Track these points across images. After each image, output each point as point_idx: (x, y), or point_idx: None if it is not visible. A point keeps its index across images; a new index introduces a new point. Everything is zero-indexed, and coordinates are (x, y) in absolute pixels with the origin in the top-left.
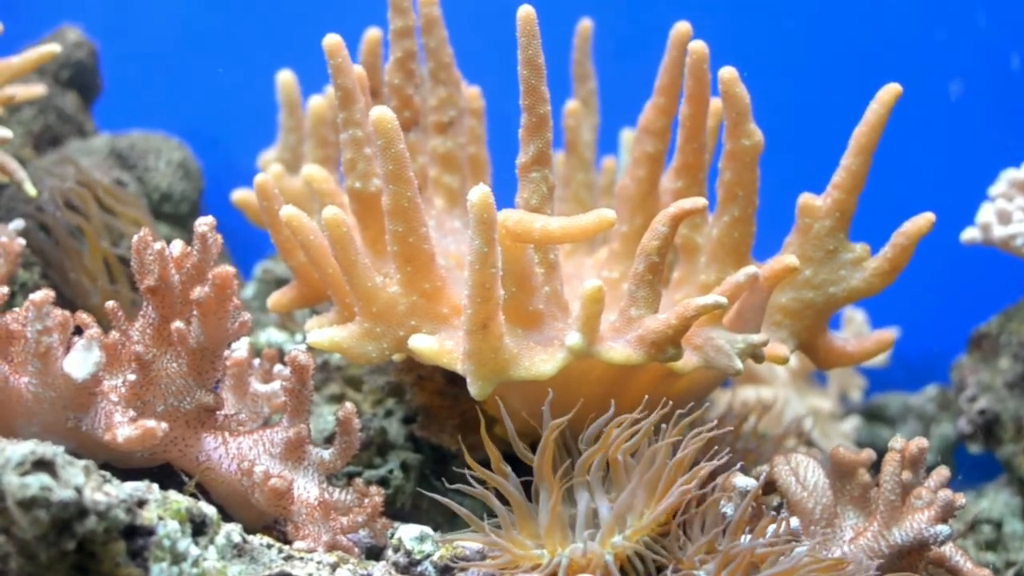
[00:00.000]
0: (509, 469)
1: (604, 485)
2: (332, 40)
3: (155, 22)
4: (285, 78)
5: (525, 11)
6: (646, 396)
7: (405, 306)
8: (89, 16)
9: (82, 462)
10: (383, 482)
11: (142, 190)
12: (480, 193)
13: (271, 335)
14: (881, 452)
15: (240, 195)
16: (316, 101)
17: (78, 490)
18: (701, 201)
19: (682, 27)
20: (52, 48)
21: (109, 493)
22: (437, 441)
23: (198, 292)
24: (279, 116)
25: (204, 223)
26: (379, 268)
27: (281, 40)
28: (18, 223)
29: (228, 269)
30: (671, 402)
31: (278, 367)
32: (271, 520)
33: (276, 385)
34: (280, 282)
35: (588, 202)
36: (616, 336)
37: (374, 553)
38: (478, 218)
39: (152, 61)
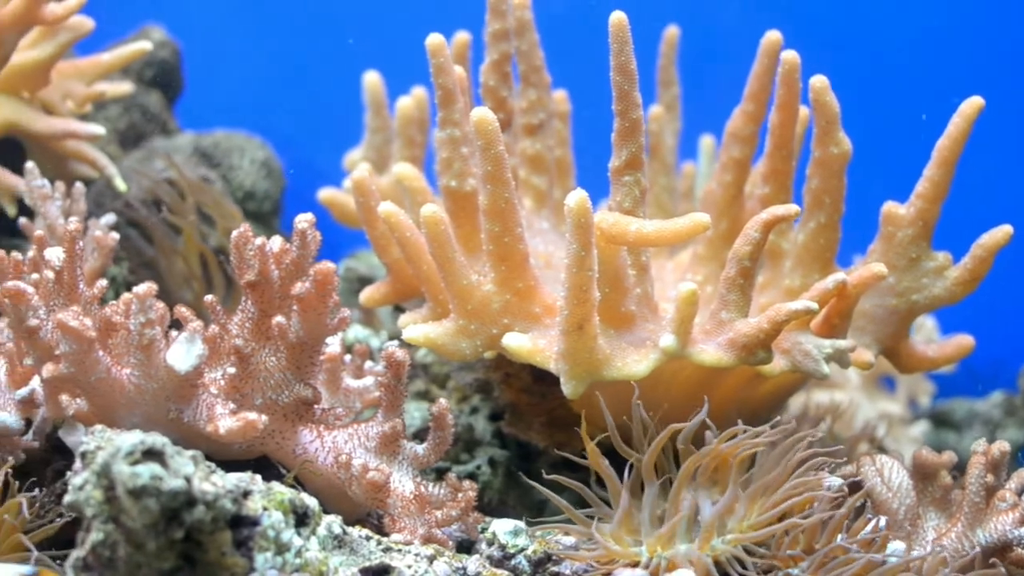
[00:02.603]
0: (608, 464)
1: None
2: (435, 40)
3: (235, 23)
4: (371, 79)
5: (617, 18)
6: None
7: (499, 304)
8: (171, 16)
9: (189, 452)
10: (471, 477)
11: (226, 188)
12: (578, 197)
13: (356, 331)
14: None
15: (327, 193)
16: (404, 102)
17: (187, 479)
18: (794, 208)
19: (773, 36)
20: (143, 46)
21: (216, 483)
22: (524, 438)
23: (299, 287)
24: (365, 117)
25: (304, 219)
26: (471, 266)
27: (358, 41)
28: (109, 218)
29: (329, 265)
30: (756, 404)
31: (368, 363)
32: (364, 513)
33: (368, 380)
34: (363, 280)
35: (669, 206)
36: (707, 338)
37: (465, 547)
38: (576, 222)
39: (232, 61)
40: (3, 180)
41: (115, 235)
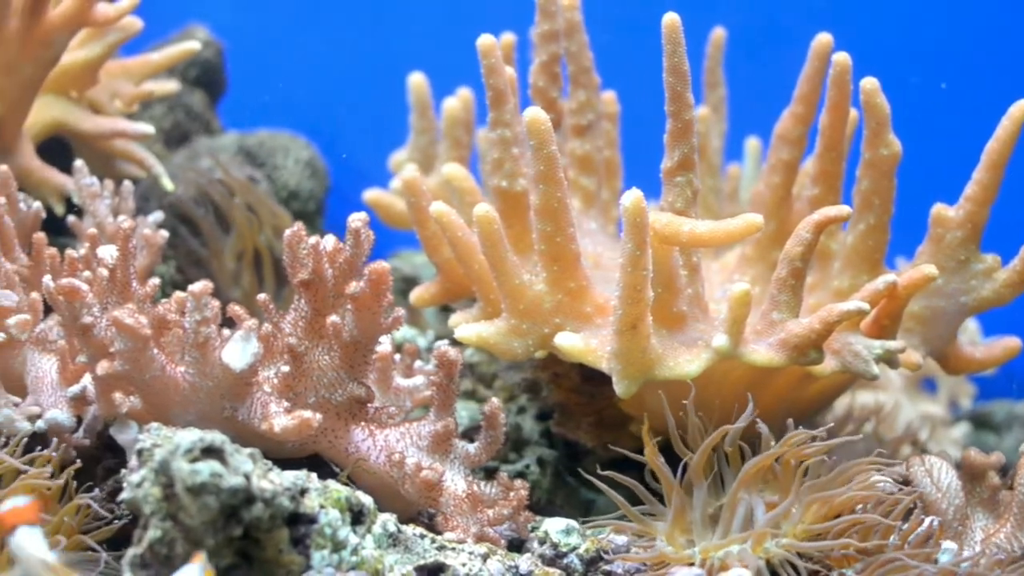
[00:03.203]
0: (663, 462)
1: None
2: (486, 41)
3: (276, 23)
4: (417, 81)
5: (670, 19)
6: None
7: (550, 304)
8: (214, 16)
9: (248, 450)
10: (520, 477)
11: (270, 188)
12: (633, 197)
13: (403, 331)
14: None
15: (372, 194)
16: (451, 103)
17: (247, 477)
18: (845, 209)
19: (823, 39)
20: (191, 45)
21: (274, 481)
22: (573, 437)
23: (354, 287)
24: (410, 118)
25: (358, 219)
26: (522, 266)
27: (401, 42)
28: (157, 215)
29: (384, 264)
30: (804, 405)
31: (418, 362)
32: (415, 512)
33: (419, 380)
34: (407, 280)
35: (715, 207)
36: (758, 339)
37: (515, 546)
38: (631, 222)
39: (274, 61)
40: (52, 179)
41: (164, 233)
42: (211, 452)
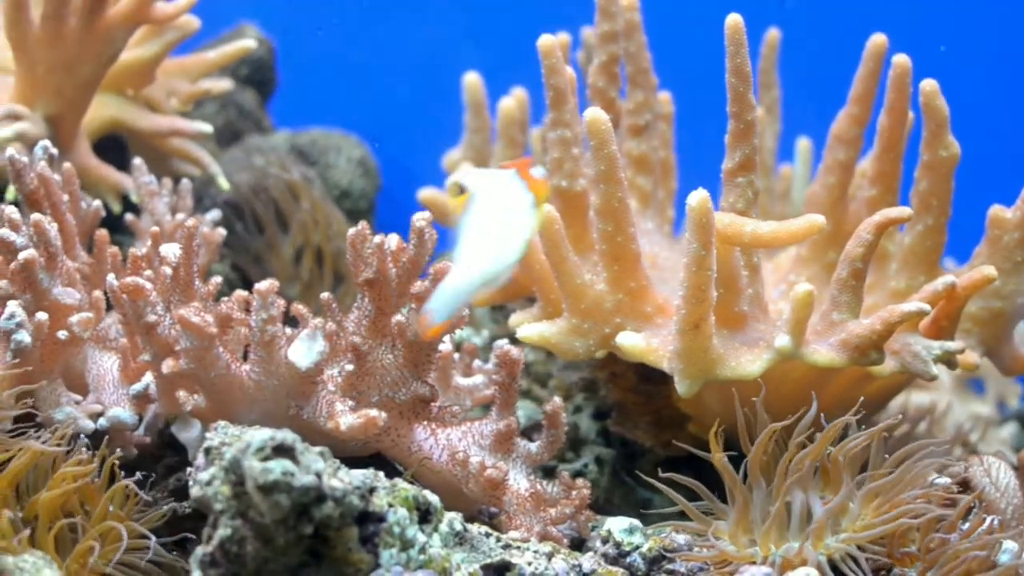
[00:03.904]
0: (727, 462)
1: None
2: (547, 41)
3: (326, 22)
4: (472, 80)
5: (733, 20)
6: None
7: (611, 304)
8: (264, 14)
9: (317, 448)
10: (578, 476)
11: (322, 186)
12: (699, 197)
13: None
14: None
15: (427, 193)
16: (506, 103)
17: (318, 475)
18: (907, 210)
19: (878, 39)
20: (247, 44)
21: (343, 479)
22: (631, 437)
23: (419, 286)
24: (465, 117)
25: (422, 218)
26: (582, 266)
27: (448, 42)
28: (214, 214)
29: (449, 264)
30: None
31: (476, 362)
32: (475, 511)
33: (478, 379)
34: None
35: (768, 208)
36: (818, 339)
37: (575, 545)
38: (697, 222)
39: (323, 59)
40: (108, 177)
41: (222, 231)
42: (282, 450)
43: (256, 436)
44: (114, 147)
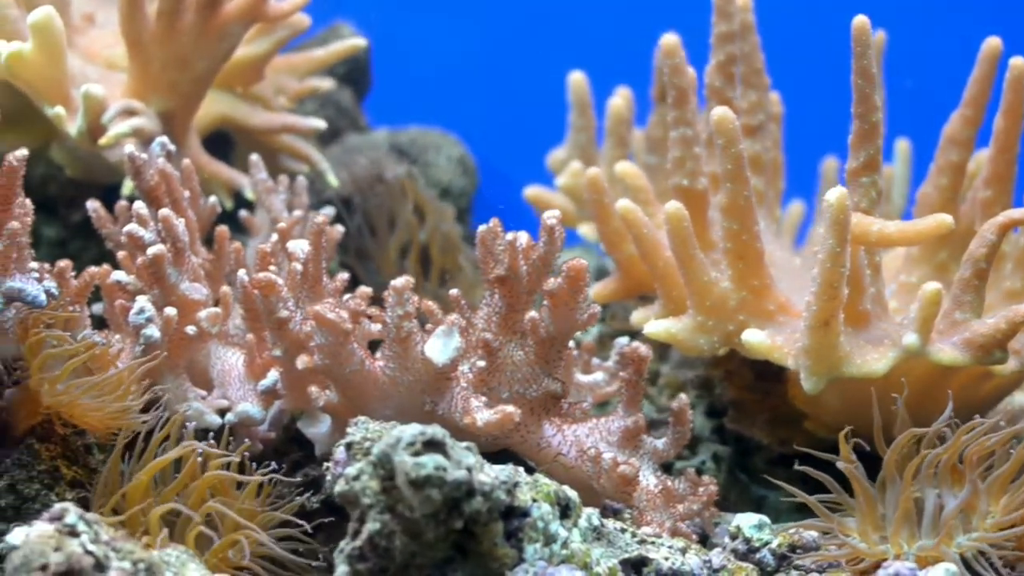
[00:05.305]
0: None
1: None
2: (670, 40)
3: (419, 21)
4: (577, 79)
5: (860, 21)
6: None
7: (735, 301)
8: (359, 13)
9: (464, 443)
10: (696, 473)
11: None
12: (838, 194)
13: None
14: None
15: (533, 191)
16: (615, 102)
17: (469, 470)
18: None
19: (993, 42)
20: (355, 42)
21: (490, 474)
22: (748, 434)
23: (552, 283)
24: (570, 116)
25: (552, 216)
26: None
27: (542, 41)
28: (329, 210)
29: (582, 261)
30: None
31: (595, 359)
32: (601, 506)
33: (599, 376)
34: None
35: None
36: (942, 338)
37: (700, 541)
38: (834, 219)
39: (416, 59)
40: (221, 173)
41: (340, 228)
42: (433, 445)
43: (406, 431)
44: (218, 143)
